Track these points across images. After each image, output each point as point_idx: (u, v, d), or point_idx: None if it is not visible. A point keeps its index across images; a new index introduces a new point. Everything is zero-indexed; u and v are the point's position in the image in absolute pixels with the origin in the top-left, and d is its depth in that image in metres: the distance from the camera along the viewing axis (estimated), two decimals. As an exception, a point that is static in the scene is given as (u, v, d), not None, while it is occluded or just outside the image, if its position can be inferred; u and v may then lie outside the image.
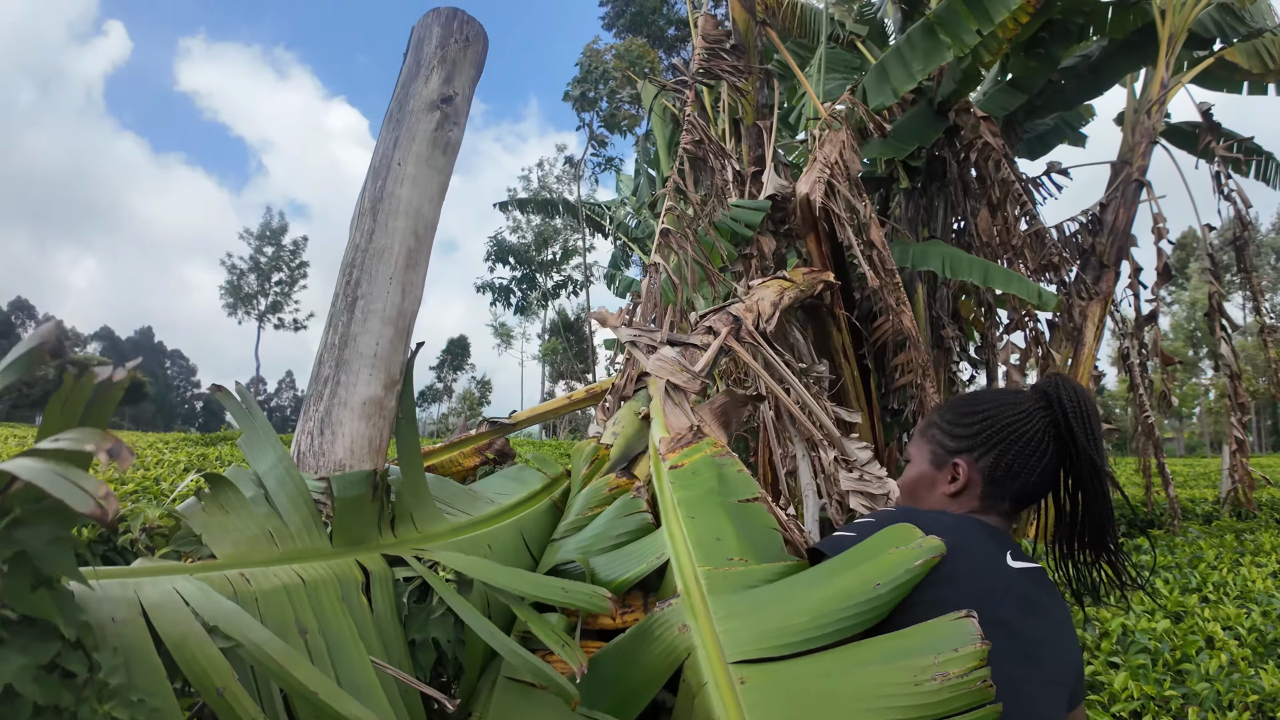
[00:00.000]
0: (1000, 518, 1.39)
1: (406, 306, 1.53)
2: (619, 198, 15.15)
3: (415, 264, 1.54)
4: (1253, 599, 4.13)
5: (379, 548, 1.36)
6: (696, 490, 1.58)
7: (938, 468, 1.44)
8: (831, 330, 5.82)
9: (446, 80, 1.61)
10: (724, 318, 2.82)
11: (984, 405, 1.44)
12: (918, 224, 7.25)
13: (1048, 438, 1.37)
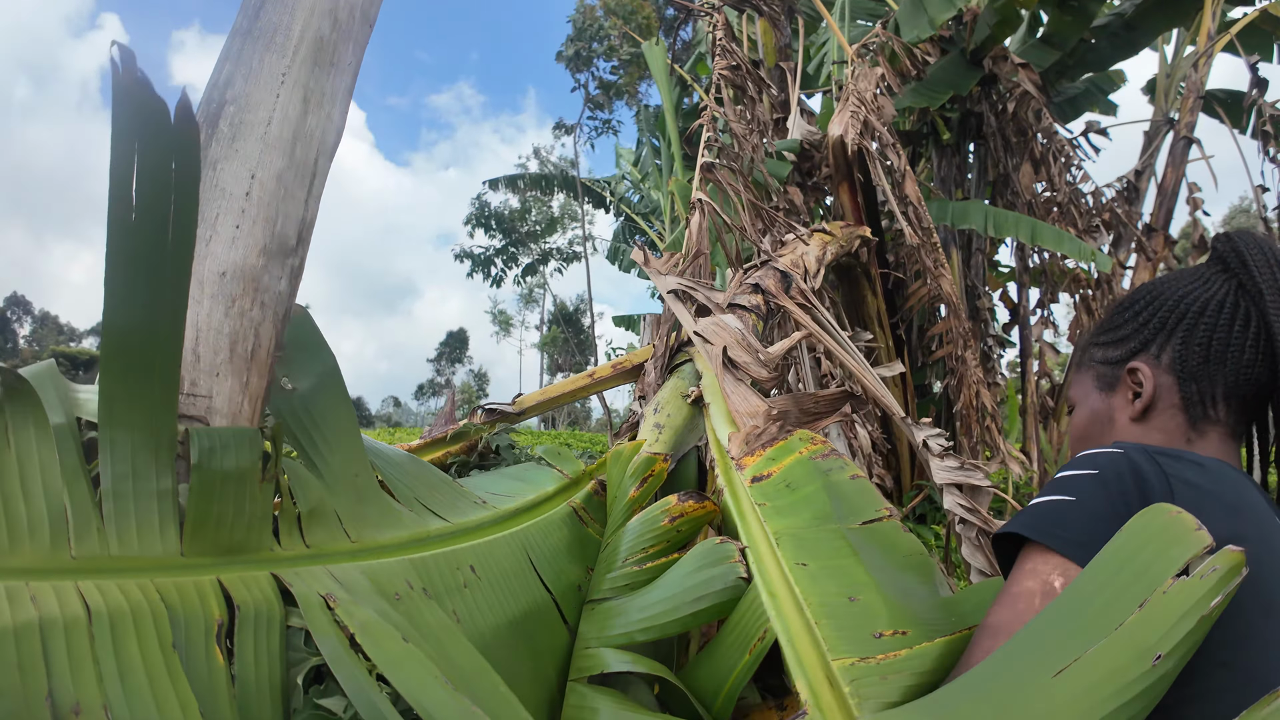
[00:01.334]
0: (1225, 437, 0.95)
1: (310, 127, 0.97)
2: (619, 173, 14.65)
3: (331, 64, 0.99)
4: None
5: (269, 563, 0.80)
6: (801, 516, 1.03)
7: (1110, 391, 1.03)
8: (865, 293, 5.26)
9: None
10: (771, 273, 2.26)
11: (1144, 291, 1.07)
12: (950, 184, 6.70)
13: (1244, 302, 0.96)
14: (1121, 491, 0.81)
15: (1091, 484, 0.83)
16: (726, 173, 2.96)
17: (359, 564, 0.79)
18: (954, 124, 6.33)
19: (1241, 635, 0.75)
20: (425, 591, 0.80)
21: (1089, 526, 0.79)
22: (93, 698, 0.53)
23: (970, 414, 5.59)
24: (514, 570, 0.98)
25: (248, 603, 0.69)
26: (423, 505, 1.00)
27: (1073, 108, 8.89)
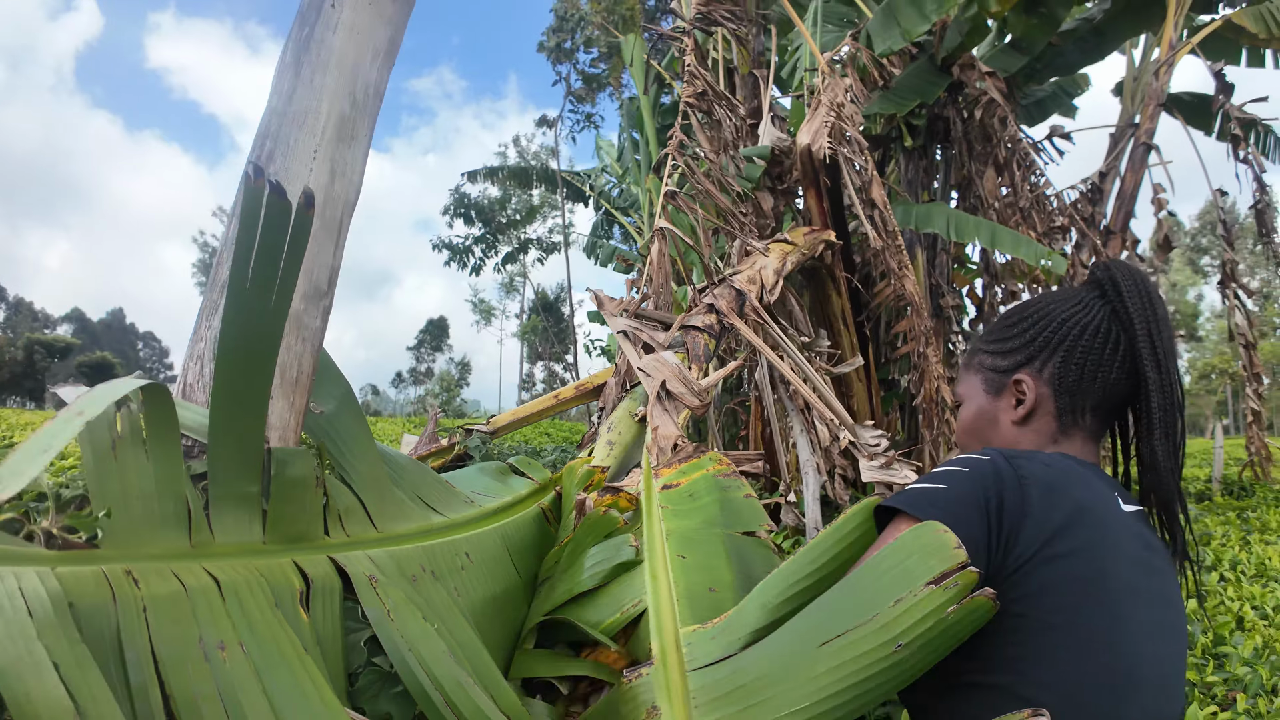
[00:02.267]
0: (1086, 440, 1.14)
1: (337, 192, 1.17)
2: (600, 165, 14.72)
3: (350, 138, 1.18)
4: (1272, 576, 4.11)
5: (326, 549, 1.02)
6: (693, 520, 1.27)
7: (996, 395, 1.19)
8: (831, 294, 5.48)
9: None
10: (727, 293, 2.47)
11: (1032, 309, 1.21)
12: (917, 187, 6.93)
13: (1115, 327, 1.13)
14: (984, 486, 0.98)
15: (961, 477, 1.00)
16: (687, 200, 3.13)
17: (385, 549, 1.00)
18: (921, 129, 6.55)
19: (1076, 600, 0.93)
20: (433, 574, 1.01)
21: (952, 509, 0.96)
22: (231, 640, 0.74)
23: (931, 408, 5.85)
24: (496, 558, 1.19)
25: (316, 577, 0.91)
26: (425, 503, 1.21)
27: (1040, 110, 9.15)
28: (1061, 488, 1.00)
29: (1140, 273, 1.18)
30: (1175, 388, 1.12)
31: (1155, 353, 1.11)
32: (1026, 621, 0.93)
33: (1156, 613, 1.00)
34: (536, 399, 2.21)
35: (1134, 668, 0.95)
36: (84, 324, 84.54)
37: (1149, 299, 1.13)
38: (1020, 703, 0.89)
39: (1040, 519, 0.95)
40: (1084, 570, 0.95)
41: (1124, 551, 1.00)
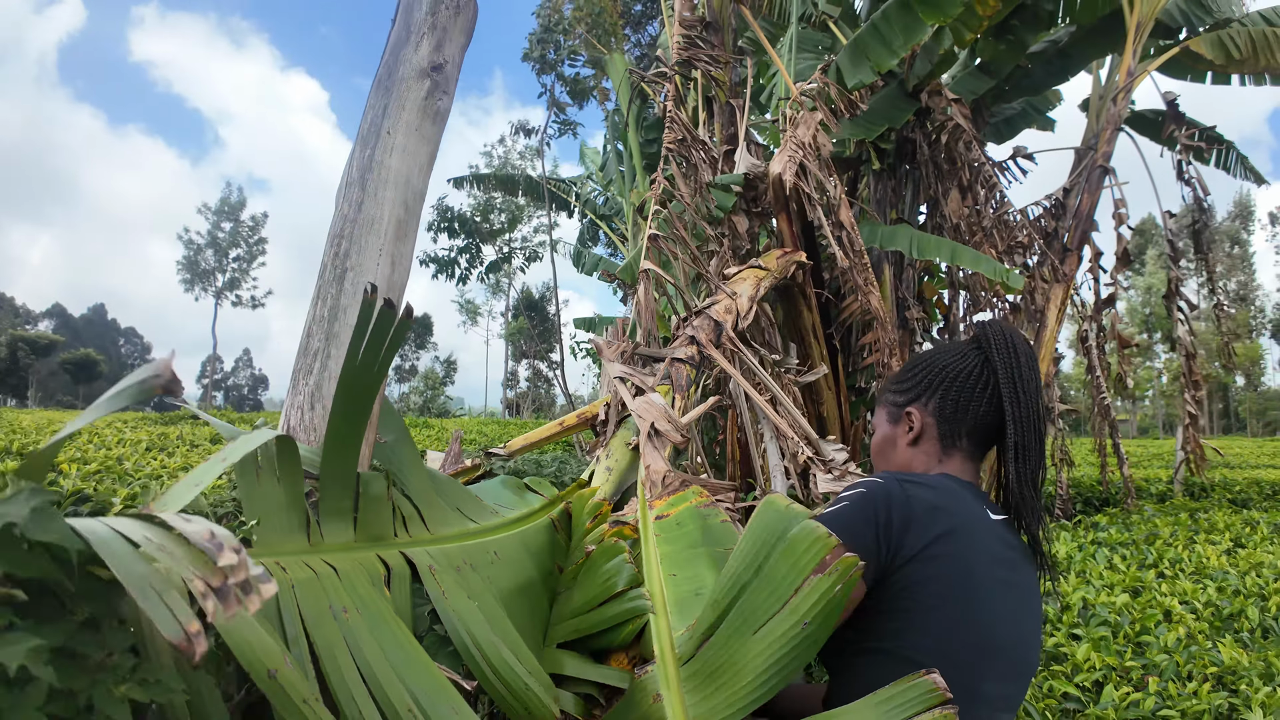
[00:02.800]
0: (965, 459, 1.47)
1: (397, 278, 1.50)
2: (585, 173, 15.00)
3: (405, 235, 1.51)
4: (1208, 575, 4.27)
5: (397, 545, 1.36)
6: (680, 544, 1.60)
7: (895, 423, 1.54)
8: (802, 309, 5.84)
9: (437, 47, 1.58)
10: (706, 324, 2.82)
11: (923, 358, 1.55)
12: (886, 205, 7.30)
13: (986, 371, 1.45)
14: (875, 505, 1.28)
15: (860, 498, 1.31)
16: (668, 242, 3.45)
17: (437, 547, 1.34)
18: (889, 152, 6.92)
19: (946, 589, 1.25)
20: (471, 566, 1.35)
21: (849, 521, 1.26)
22: (350, 606, 1.07)
23: (898, 415, 6.21)
24: (516, 556, 1.53)
25: (393, 566, 1.24)
26: (461, 513, 1.55)
27: (1009, 127, 9.53)
28: (942, 506, 1.31)
29: (1011, 330, 1.51)
30: (1033, 421, 1.43)
31: (1015, 392, 1.42)
32: (910, 604, 1.25)
33: (1012, 597, 1.31)
34: (544, 425, 2.56)
35: (992, 637, 1.27)
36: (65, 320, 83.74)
37: (1014, 351, 1.46)
38: (905, 663, 1.21)
39: (921, 531, 1.26)
40: (954, 569, 1.26)
41: (988, 553, 1.31)
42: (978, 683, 1.24)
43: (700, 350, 2.59)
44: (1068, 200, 7.93)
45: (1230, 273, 61.17)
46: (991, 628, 1.27)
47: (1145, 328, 55.04)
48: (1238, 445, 23.46)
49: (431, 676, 1.06)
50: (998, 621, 1.28)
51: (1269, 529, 5.78)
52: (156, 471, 3.97)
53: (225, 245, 62.55)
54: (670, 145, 4.36)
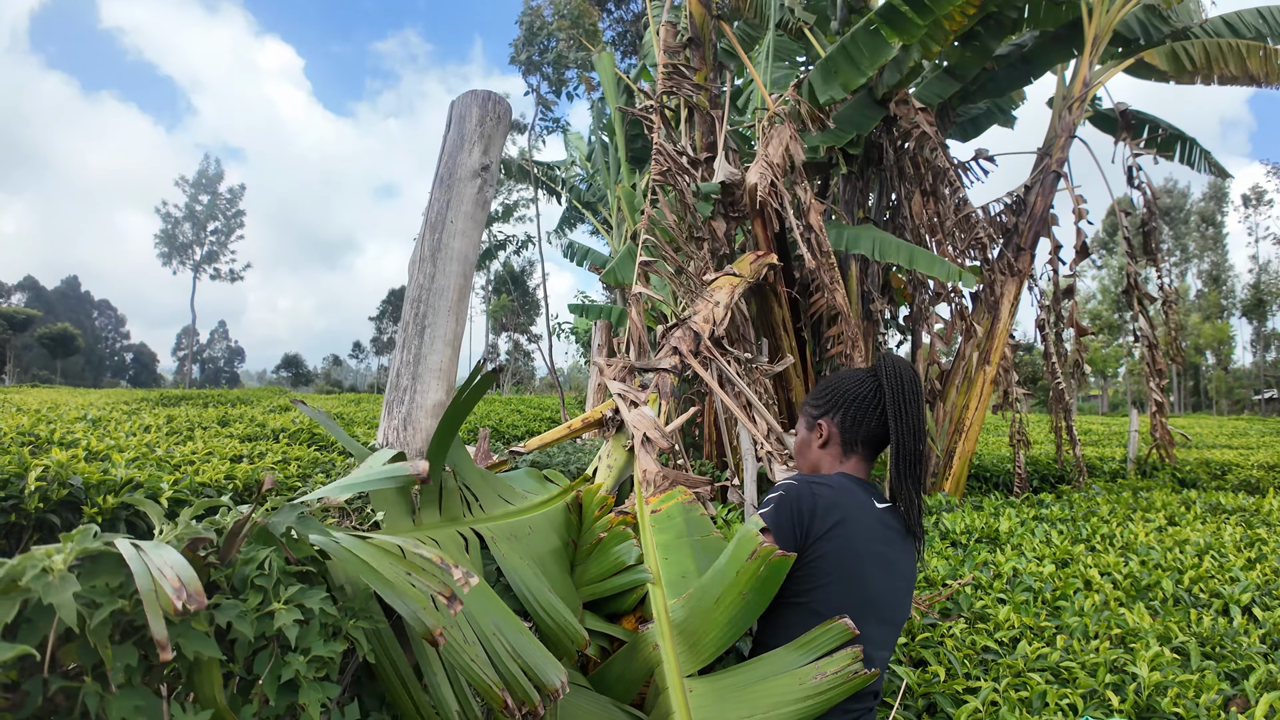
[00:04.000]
0: (861, 460, 1.96)
1: (459, 330, 2.00)
2: (569, 158, 15.32)
3: (464, 296, 1.98)
4: (1134, 550, 4.64)
5: (468, 523, 1.87)
6: (670, 534, 2.12)
7: (810, 430, 2.03)
8: (773, 306, 6.33)
9: (485, 152, 2.03)
10: (686, 334, 3.28)
11: (833, 382, 2.04)
12: (854, 205, 7.77)
13: (879, 396, 1.94)
14: (792, 503, 1.75)
15: (782, 500, 1.78)
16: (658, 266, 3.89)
17: (492, 523, 1.86)
18: (857, 157, 7.37)
19: (840, 561, 1.72)
20: (516, 537, 1.85)
21: (775, 520, 1.72)
22: (464, 564, 1.55)
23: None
24: (545, 530, 2.05)
25: (469, 538, 1.72)
26: (503, 499, 2.06)
27: (974, 126, 9.98)
28: (836, 501, 1.78)
29: (902, 364, 1.97)
30: (912, 432, 1.89)
31: (898, 410, 1.89)
32: (816, 572, 1.72)
33: (886, 565, 1.80)
34: (560, 426, 3.03)
35: (869, 594, 1.75)
36: (38, 292, 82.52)
37: (900, 379, 1.92)
38: (813, 615, 1.69)
39: (822, 519, 1.73)
40: (845, 546, 1.74)
41: (870, 533, 1.79)
42: (862, 626, 1.72)
43: (682, 360, 3.07)
44: (1028, 197, 8.42)
45: (1203, 253, 62.46)
46: (869, 587, 1.75)
47: (1117, 307, 56.22)
48: (1201, 424, 24.34)
49: (505, 613, 1.54)
50: (874, 582, 1.76)
51: (1203, 508, 6.26)
52: (187, 456, 4.38)
53: (203, 218, 61.99)
54: (658, 177, 4.78)
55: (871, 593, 1.74)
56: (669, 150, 4.83)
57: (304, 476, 4.45)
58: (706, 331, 3.32)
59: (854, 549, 1.74)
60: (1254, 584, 3.86)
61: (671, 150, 4.86)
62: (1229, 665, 2.94)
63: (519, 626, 1.51)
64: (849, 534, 1.74)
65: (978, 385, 7.49)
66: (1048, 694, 2.69)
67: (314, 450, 5.74)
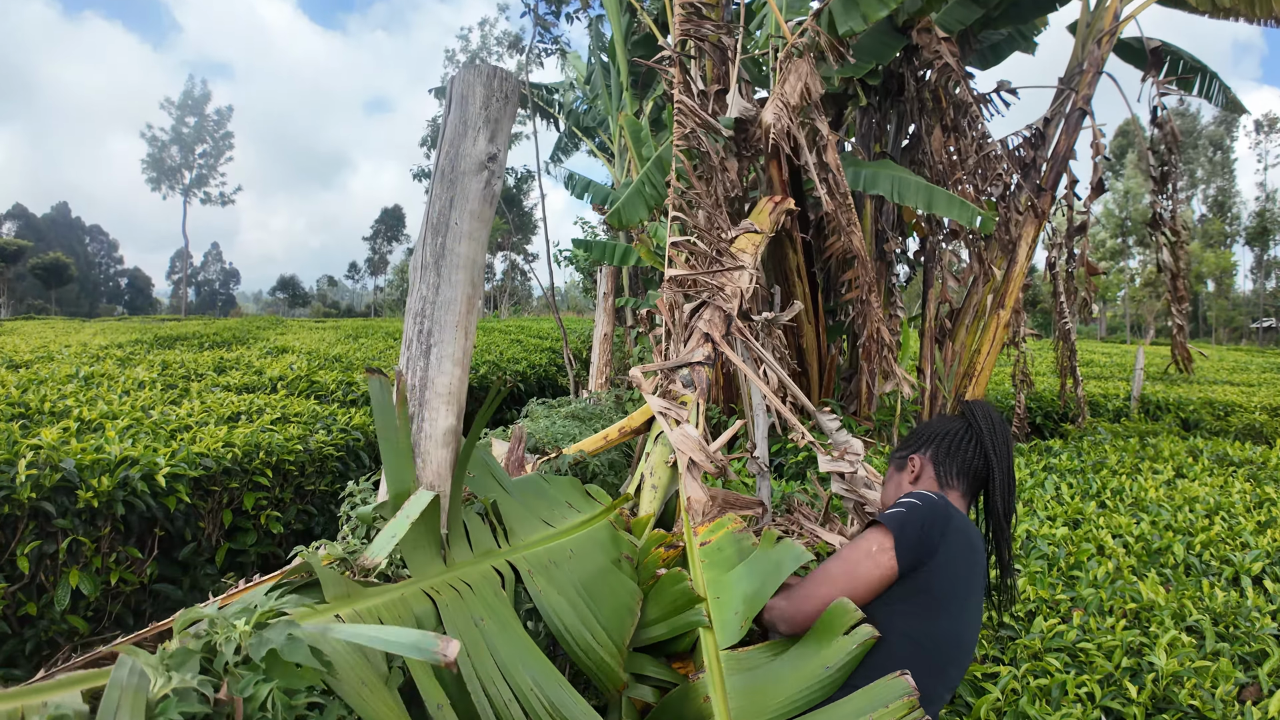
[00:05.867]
0: (960, 498, 1.88)
1: (468, 345, 1.81)
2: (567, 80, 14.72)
3: (473, 307, 1.79)
4: (1144, 507, 4.61)
5: (502, 555, 1.78)
6: (720, 569, 2.01)
7: (900, 471, 1.98)
8: (788, 252, 6.11)
9: (491, 139, 1.79)
10: (716, 316, 3.09)
11: (919, 427, 2.02)
12: (870, 139, 7.44)
13: (970, 433, 1.91)
14: (924, 516, 1.66)
15: (916, 508, 1.68)
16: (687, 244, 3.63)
17: (530, 551, 1.78)
18: (876, 88, 7.00)
19: (942, 603, 1.63)
20: (555, 564, 1.78)
21: (906, 527, 1.64)
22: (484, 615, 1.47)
23: (871, 345, 6.58)
24: (588, 551, 1.98)
25: (504, 573, 1.65)
26: (543, 520, 1.98)
27: (995, 54, 9.51)
28: (959, 527, 1.70)
29: (989, 406, 1.96)
30: (1009, 470, 1.87)
31: (994, 445, 1.86)
32: (926, 601, 1.64)
33: (978, 609, 1.74)
34: (594, 435, 2.90)
35: (963, 638, 1.70)
36: (28, 220, 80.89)
37: (991, 418, 1.91)
38: (913, 645, 1.61)
39: (943, 544, 1.63)
40: (957, 579, 1.66)
41: (976, 572, 1.72)
42: (949, 668, 1.66)
43: (714, 346, 2.90)
44: (1047, 130, 8.07)
45: (1211, 178, 61.34)
46: (968, 628, 1.71)
47: (1120, 231, 55.54)
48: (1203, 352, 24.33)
49: (543, 664, 1.48)
50: (971, 624, 1.71)
51: (1210, 459, 6.24)
52: (183, 420, 4.25)
53: (190, 141, 60.48)
54: (679, 142, 4.47)
55: (966, 635, 1.70)
56: (690, 106, 4.51)
57: (303, 437, 4.36)
58: (735, 308, 3.14)
59: (966, 585, 1.68)
60: (1265, 551, 3.83)
61: (696, 107, 4.54)
62: (1243, 648, 2.91)
63: (558, 679, 1.43)
64: (969, 569, 1.69)
65: (991, 329, 7.33)
66: (1067, 684, 2.65)
67: (313, 402, 5.64)
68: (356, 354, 9.43)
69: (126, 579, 3.22)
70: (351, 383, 6.67)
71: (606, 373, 8.17)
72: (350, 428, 5.09)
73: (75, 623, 3.05)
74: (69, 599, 2.98)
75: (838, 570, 1.66)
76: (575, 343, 13.71)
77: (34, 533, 2.97)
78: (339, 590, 1.34)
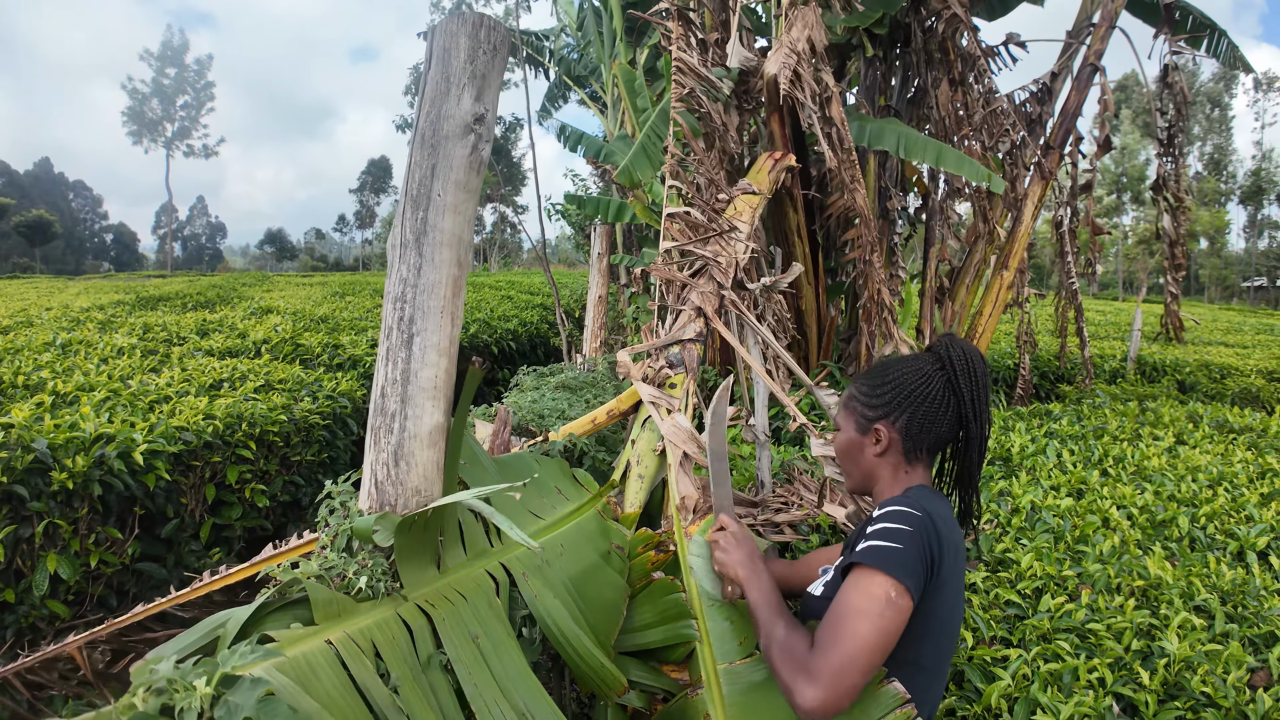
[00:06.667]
0: (925, 469, 1.70)
1: (455, 332, 1.63)
2: (558, 25, 14.23)
3: (460, 289, 1.61)
4: (1147, 477, 4.55)
5: (495, 556, 1.69)
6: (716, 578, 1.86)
7: (863, 434, 1.72)
8: (788, 211, 5.92)
9: (477, 97, 1.59)
10: (709, 288, 2.91)
11: (891, 374, 1.70)
12: (874, 92, 7.18)
13: (948, 393, 1.65)
14: (923, 544, 1.44)
15: (910, 538, 1.44)
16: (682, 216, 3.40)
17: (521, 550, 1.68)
18: (882, 38, 6.73)
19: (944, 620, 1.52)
20: (548, 563, 1.69)
21: (910, 564, 1.42)
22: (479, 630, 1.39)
23: (872, 306, 6.44)
24: (578, 546, 1.87)
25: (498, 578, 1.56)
26: (532, 513, 1.88)
27: (1003, 5, 9.19)
28: (947, 535, 1.52)
29: (969, 346, 1.70)
30: (984, 431, 1.66)
31: (976, 413, 1.64)
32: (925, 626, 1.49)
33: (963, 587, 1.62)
34: (583, 418, 2.75)
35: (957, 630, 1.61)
36: (11, 177, 78.98)
37: (973, 372, 1.65)
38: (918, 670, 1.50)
39: (943, 562, 1.48)
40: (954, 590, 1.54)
41: (963, 561, 1.59)
42: (945, 667, 1.58)
43: (707, 321, 2.74)
44: (1054, 85, 7.82)
45: (1208, 135, 60.69)
46: (958, 622, 1.60)
47: (1115, 187, 55.13)
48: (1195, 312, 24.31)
49: (534, 688, 1.37)
50: (960, 616, 1.61)
51: (1210, 425, 6.19)
52: (162, 390, 4.09)
53: (171, 93, 59.19)
54: (678, 104, 4.22)
55: (957, 627, 1.59)
56: (690, 64, 4.26)
57: (287, 406, 4.20)
58: (730, 279, 2.96)
59: (959, 591, 1.57)
60: (1269, 525, 3.78)
61: (697, 65, 4.28)
62: (1251, 630, 2.85)
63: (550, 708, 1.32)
64: (958, 575, 1.55)
65: (994, 290, 7.19)
66: (1079, 669, 2.58)
67: (298, 367, 5.46)
68: (343, 313, 9.22)
69: (107, 560, 3.10)
70: (338, 345, 6.49)
71: (601, 335, 8.01)
72: (337, 394, 4.93)
73: (55, 608, 2.94)
74: (48, 584, 2.86)
75: (867, 630, 1.38)
76: (567, 299, 13.51)
77: (8, 517, 2.84)
78: (330, 610, 1.22)
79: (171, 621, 2.01)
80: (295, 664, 1.06)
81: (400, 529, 1.44)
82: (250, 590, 1.78)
